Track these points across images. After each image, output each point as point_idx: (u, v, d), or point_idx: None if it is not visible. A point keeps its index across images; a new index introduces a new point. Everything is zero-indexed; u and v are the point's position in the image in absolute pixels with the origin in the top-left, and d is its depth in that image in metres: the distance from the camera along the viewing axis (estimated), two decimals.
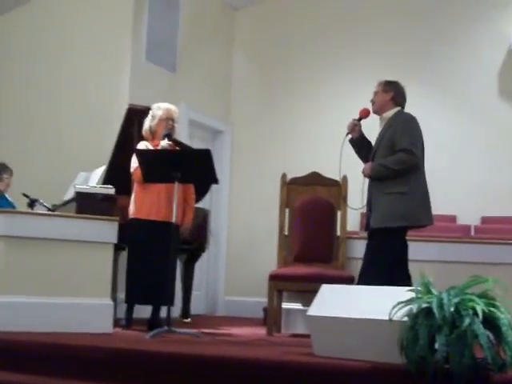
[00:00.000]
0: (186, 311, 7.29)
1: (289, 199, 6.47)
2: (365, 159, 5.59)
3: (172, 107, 6.19)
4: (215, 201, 9.52)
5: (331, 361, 3.81)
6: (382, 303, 3.80)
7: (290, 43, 9.75)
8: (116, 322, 5.71)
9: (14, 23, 9.06)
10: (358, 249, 6.04)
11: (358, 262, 5.73)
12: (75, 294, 5.32)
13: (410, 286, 4.92)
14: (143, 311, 6.23)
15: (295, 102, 9.56)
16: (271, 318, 6.04)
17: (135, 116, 6.51)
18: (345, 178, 6.25)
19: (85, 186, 6.49)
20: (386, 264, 5.19)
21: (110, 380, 4.05)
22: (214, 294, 9.63)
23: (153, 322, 6.01)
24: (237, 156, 9.83)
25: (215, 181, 5.64)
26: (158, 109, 6.15)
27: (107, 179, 6.49)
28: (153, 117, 6.14)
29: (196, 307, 8.47)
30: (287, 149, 9.40)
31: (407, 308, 3.67)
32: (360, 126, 5.65)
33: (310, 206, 6.37)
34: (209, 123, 9.61)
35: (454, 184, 8.69)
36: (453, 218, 8.67)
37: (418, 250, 5.76)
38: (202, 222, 7.17)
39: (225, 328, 6.82)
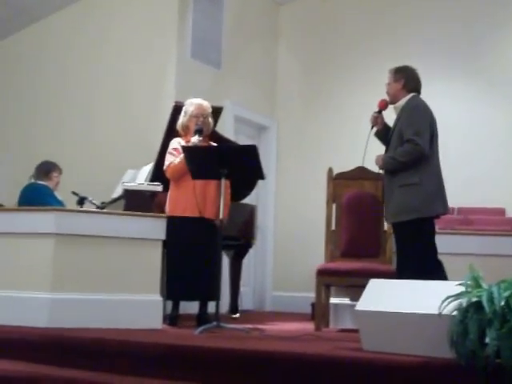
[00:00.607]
0: (234, 307, 7.31)
1: (335, 194, 6.45)
2: None
3: (204, 103, 6.19)
4: (262, 196, 9.53)
5: (380, 355, 3.80)
6: (430, 297, 3.78)
7: (334, 38, 9.71)
8: (164, 319, 5.75)
9: (59, 22, 9.15)
10: None
11: None
12: (124, 290, 5.36)
13: (442, 273, 5.05)
14: (190, 307, 6.27)
15: (340, 97, 9.53)
16: (319, 313, 6.03)
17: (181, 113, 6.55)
18: None
19: (133, 184, 6.56)
20: (413, 257, 5.16)
21: (161, 376, 4.07)
22: (262, 290, 9.65)
23: (201, 318, 6.05)
24: (282, 151, 9.83)
25: (262, 176, 5.65)
26: (190, 104, 6.17)
27: (155, 176, 6.54)
28: (185, 113, 6.16)
29: (244, 303, 8.49)
30: (333, 143, 9.38)
31: (457, 302, 3.64)
32: (382, 118, 5.60)
33: (357, 201, 6.35)
34: (254, 119, 9.62)
35: (504, 177, 8.61)
36: (501, 211, 8.58)
37: (466, 244, 5.72)
38: (249, 217, 7.18)
39: (273, 323, 6.83)
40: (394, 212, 5.30)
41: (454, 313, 3.61)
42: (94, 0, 8.97)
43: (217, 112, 6.96)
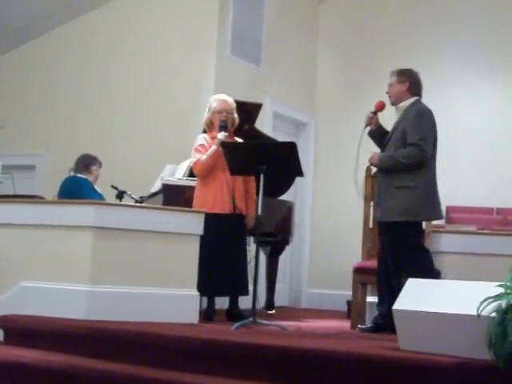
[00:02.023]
0: (270, 303, 7.32)
1: (373, 192, 6.43)
2: None
3: (228, 98, 6.21)
4: (299, 193, 9.53)
5: (417, 355, 3.78)
6: (468, 298, 3.76)
7: (374, 35, 9.67)
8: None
9: (105, 17, 9.23)
10: (444, 242, 5.95)
11: (444, 255, 5.67)
12: (162, 284, 5.39)
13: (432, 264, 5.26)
14: (219, 302, 6.28)
15: (380, 95, 9.45)
16: (355, 311, 6.01)
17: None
18: None
19: (171, 178, 6.60)
20: (404, 255, 5.29)
21: (198, 370, 4.09)
22: (298, 287, 9.66)
23: (231, 313, 6.08)
24: (321, 148, 9.82)
25: (300, 173, 5.66)
26: (214, 100, 6.20)
27: (193, 171, 6.56)
28: (209, 108, 6.19)
29: (280, 299, 8.50)
30: (371, 141, 9.32)
31: (496, 303, 3.61)
32: (377, 119, 5.64)
33: None
34: (293, 116, 9.62)
35: None
36: None
37: (505, 244, 5.66)
38: (286, 214, 7.19)
39: (309, 320, 6.83)
40: (388, 211, 5.35)
41: (493, 314, 3.59)
42: None
43: (256, 108, 6.98)
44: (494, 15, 9.03)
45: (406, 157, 5.28)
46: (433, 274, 5.15)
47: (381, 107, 5.64)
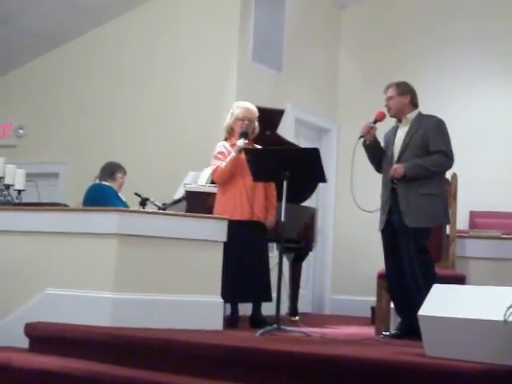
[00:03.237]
0: (293, 309, 7.30)
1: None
2: (377, 164, 5.74)
3: (251, 107, 6.21)
4: (322, 199, 9.52)
5: (443, 361, 3.76)
6: (494, 303, 3.74)
7: (396, 42, 9.65)
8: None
9: (123, 24, 9.27)
10: (468, 248, 5.95)
11: (469, 260, 5.67)
12: (186, 291, 5.39)
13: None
14: (242, 308, 6.27)
15: None
16: (380, 317, 5.99)
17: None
18: (454, 176, 6.15)
19: (194, 185, 6.61)
20: (427, 259, 5.36)
21: (223, 377, 4.09)
22: (321, 293, 9.63)
23: (254, 319, 6.08)
24: (343, 154, 9.78)
25: (323, 180, 5.66)
26: (237, 107, 6.20)
27: None
28: (231, 114, 6.20)
29: (303, 305, 8.48)
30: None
31: None
32: (375, 130, 5.67)
33: None
34: (315, 122, 9.61)
35: None
36: None
37: None
38: (309, 220, 7.18)
39: (333, 327, 6.81)
40: (418, 218, 5.37)
41: None
42: (159, 2, 9.05)
43: (278, 114, 6.98)
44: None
45: (435, 165, 5.38)
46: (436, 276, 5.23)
47: (381, 118, 5.72)
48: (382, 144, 5.77)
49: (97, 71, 9.39)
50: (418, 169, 5.38)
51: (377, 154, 5.71)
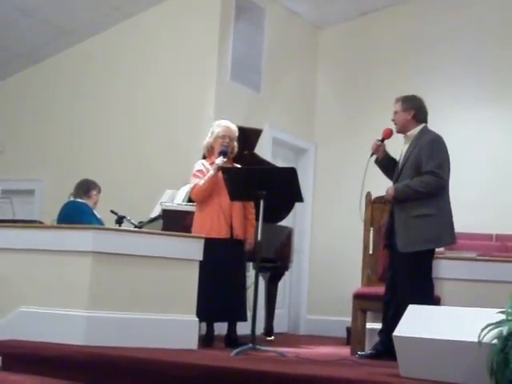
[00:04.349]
0: (269, 329, 7.29)
1: (373, 218, 6.43)
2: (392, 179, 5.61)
3: (231, 126, 6.22)
4: (298, 219, 9.52)
5: (418, 382, 3.78)
6: (469, 324, 3.75)
7: (373, 63, 9.71)
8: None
9: (101, 43, 9.26)
10: (444, 269, 5.94)
11: (444, 282, 5.65)
12: (161, 310, 5.36)
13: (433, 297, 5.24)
14: (217, 328, 6.25)
15: (378, 122, 9.44)
16: (355, 337, 6.00)
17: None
18: None
19: (171, 204, 6.59)
20: (423, 284, 5.26)
21: None
22: (297, 313, 9.62)
23: (229, 339, 6.06)
24: (320, 174, 9.82)
25: (300, 199, 5.66)
26: (218, 126, 6.21)
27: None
28: (211, 133, 6.20)
29: (279, 325, 8.46)
30: (371, 167, 9.34)
31: (497, 330, 3.60)
32: (384, 146, 5.64)
33: None
34: (292, 142, 9.64)
35: None
36: None
37: (505, 271, 5.65)
38: (286, 240, 7.18)
39: (308, 347, 6.81)
40: (410, 241, 5.29)
41: (494, 341, 3.58)
42: (136, 23, 9.06)
43: (256, 134, 7.00)
44: (493, 38, 9.05)
45: (423, 185, 5.27)
46: (434, 301, 5.14)
47: (388, 135, 5.63)
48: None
49: (74, 90, 9.35)
50: (407, 190, 5.33)
51: (391, 169, 5.61)
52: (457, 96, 9.13)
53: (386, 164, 5.64)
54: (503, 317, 3.66)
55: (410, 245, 5.29)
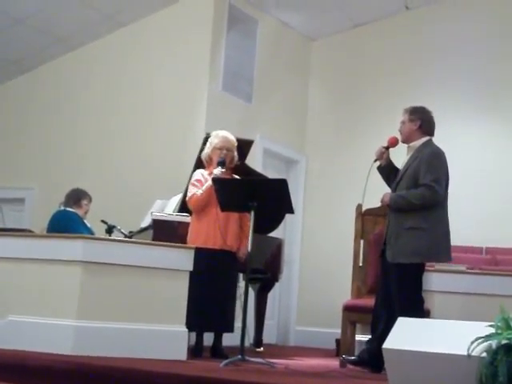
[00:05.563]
0: (258, 340, 7.27)
1: (364, 230, 6.44)
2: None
3: (229, 136, 6.23)
4: (288, 230, 9.52)
5: None
6: (459, 337, 3.74)
7: (365, 74, 9.73)
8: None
9: (93, 53, 9.26)
10: (433, 281, 5.95)
11: (434, 294, 5.66)
12: (150, 320, 5.33)
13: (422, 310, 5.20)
14: (206, 339, 6.24)
15: (369, 134, 9.51)
16: (344, 349, 6.00)
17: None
18: None
19: (161, 214, 6.58)
20: (412, 297, 5.23)
21: None
22: (286, 324, 9.61)
23: (215, 350, 6.05)
24: (311, 186, 9.82)
25: (291, 211, 5.64)
26: (216, 136, 6.21)
27: (183, 207, 6.55)
28: (210, 144, 6.21)
29: (268, 337, 8.44)
30: (362, 179, 9.35)
31: (486, 344, 3.59)
32: (388, 154, 5.63)
33: None
34: (283, 153, 9.65)
35: None
36: None
37: (494, 284, 5.66)
38: (276, 251, 7.17)
39: (297, 358, 6.79)
40: (400, 253, 5.29)
41: (484, 354, 3.57)
42: (128, 32, 9.07)
43: (247, 145, 7.00)
44: (481, 52, 9.09)
45: (418, 198, 5.27)
46: (424, 315, 5.14)
47: (393, 143, 5.62)
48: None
49: (65, 98, 9.34)
50: (401, 200, 5.34)
51: (392, 177, 5.61)
52: (447, 108, 9.14)
53: (388, 172, 5.64)
54: (492, 330, 3.65)
55: (398, 256, 5.29)
